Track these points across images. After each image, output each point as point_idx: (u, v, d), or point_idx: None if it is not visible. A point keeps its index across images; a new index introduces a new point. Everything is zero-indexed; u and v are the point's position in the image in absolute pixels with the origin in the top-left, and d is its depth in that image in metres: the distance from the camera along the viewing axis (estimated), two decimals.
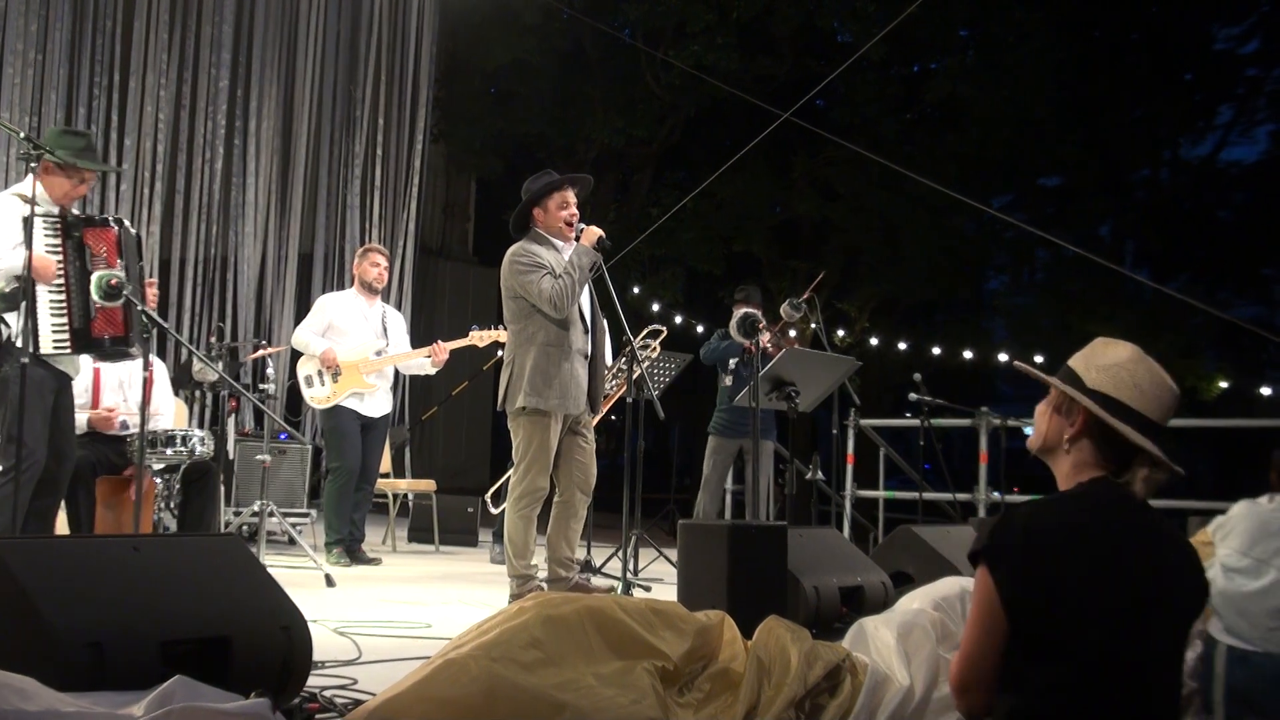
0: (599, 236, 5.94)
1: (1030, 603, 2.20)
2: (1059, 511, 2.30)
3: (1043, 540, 2.23)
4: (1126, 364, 2.40)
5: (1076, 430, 2.39)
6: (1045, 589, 2.20)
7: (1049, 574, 2.20)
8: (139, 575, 3.17)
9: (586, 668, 3.07)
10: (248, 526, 8.21)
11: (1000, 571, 2.23)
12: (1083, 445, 2.38)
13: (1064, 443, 2.41)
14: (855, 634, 3.70)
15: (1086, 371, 2.42)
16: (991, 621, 2.24)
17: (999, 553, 2.24)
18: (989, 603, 2.24)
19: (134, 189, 12.37)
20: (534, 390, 5.77)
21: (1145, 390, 2.37)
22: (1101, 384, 2.39)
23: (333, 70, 14.14)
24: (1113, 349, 2.45)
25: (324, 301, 8.27)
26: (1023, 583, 2.21)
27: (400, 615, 5.48)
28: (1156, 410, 2.37)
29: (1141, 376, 2.38)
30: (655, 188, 19.69)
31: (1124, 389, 2.37)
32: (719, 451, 8.52)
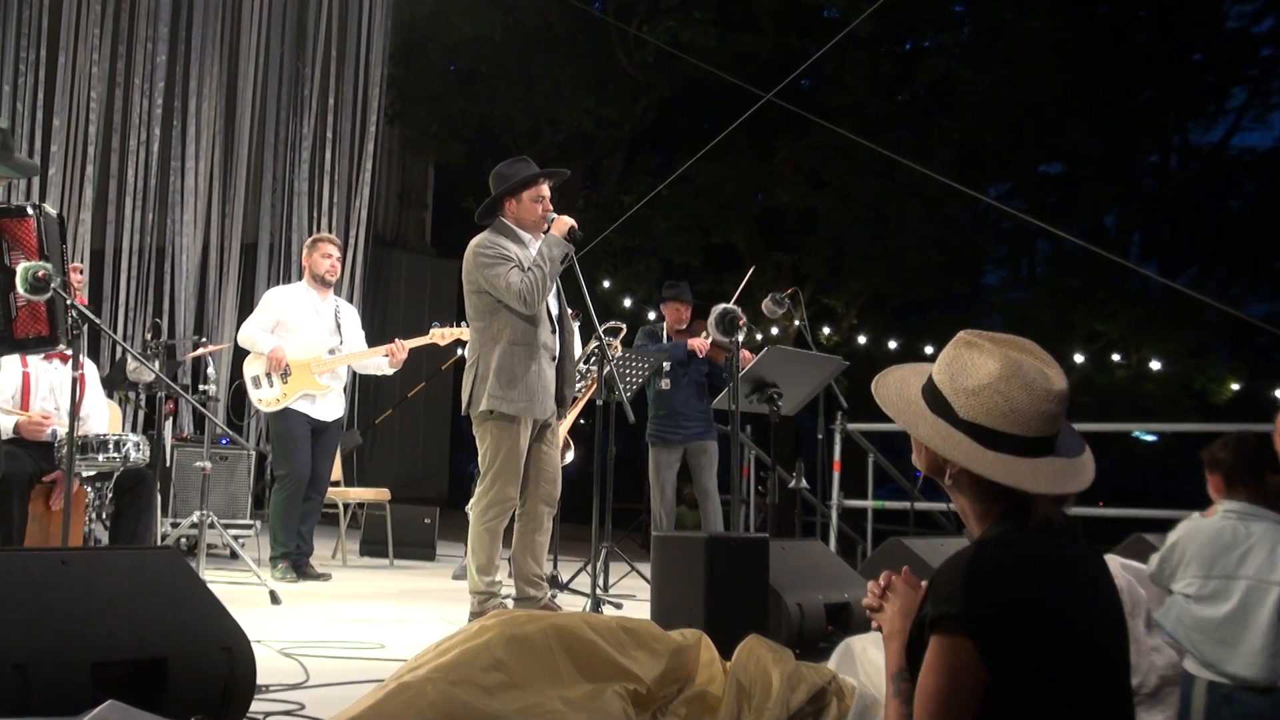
0: (570, 226, 5.93)
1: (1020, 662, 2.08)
2: (1015, 556, 2.16)
3: (1023, 595, 2.11)
4: (998, 383, 2.22)
5: (957, 469, 2.24)
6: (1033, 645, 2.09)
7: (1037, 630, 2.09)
8: (68, 592, 3.15)
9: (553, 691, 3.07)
10: (186, 539, 8.17)
11: (986, 640, 2.06)
12: (972, 482, 2.24)
13: (948, 479, 2.28)
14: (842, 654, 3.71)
15: (955, 396, 2.26)
16: (970, 687, 2.07)
17: (983, 619, 2.08)
18: (964, 677, 2.07)
19: (64, 173, 12.30)
20: (500, 392, 5.76)
21: (1024, 412, 2.20)
22: (973, 413, 2.22)
23: (279, 46, 14.10)
24: (980, 359, 2.27)
25: (272, 296, 8.24)
26: (1014, 644, 2.07)
27: (351, 635, 5.46)
28: (1041, 426, 2.20)
29: (1017, 397, 2.20)
30: (628, 173, 19.69)
31: (999, 417, 2.20)
32: (662, 461, 8.49)
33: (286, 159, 14.26)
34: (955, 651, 2.08)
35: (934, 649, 2.11)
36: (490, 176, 6.12)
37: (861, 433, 10.34)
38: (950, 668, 2.08)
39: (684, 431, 8.37)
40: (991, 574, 2.11)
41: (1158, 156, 24.42)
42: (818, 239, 19.28)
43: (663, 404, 8.46)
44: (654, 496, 8.46)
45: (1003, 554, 2.16)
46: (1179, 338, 19.38)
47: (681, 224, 18.34)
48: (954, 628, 2.08)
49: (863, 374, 18.46)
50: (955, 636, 2.08)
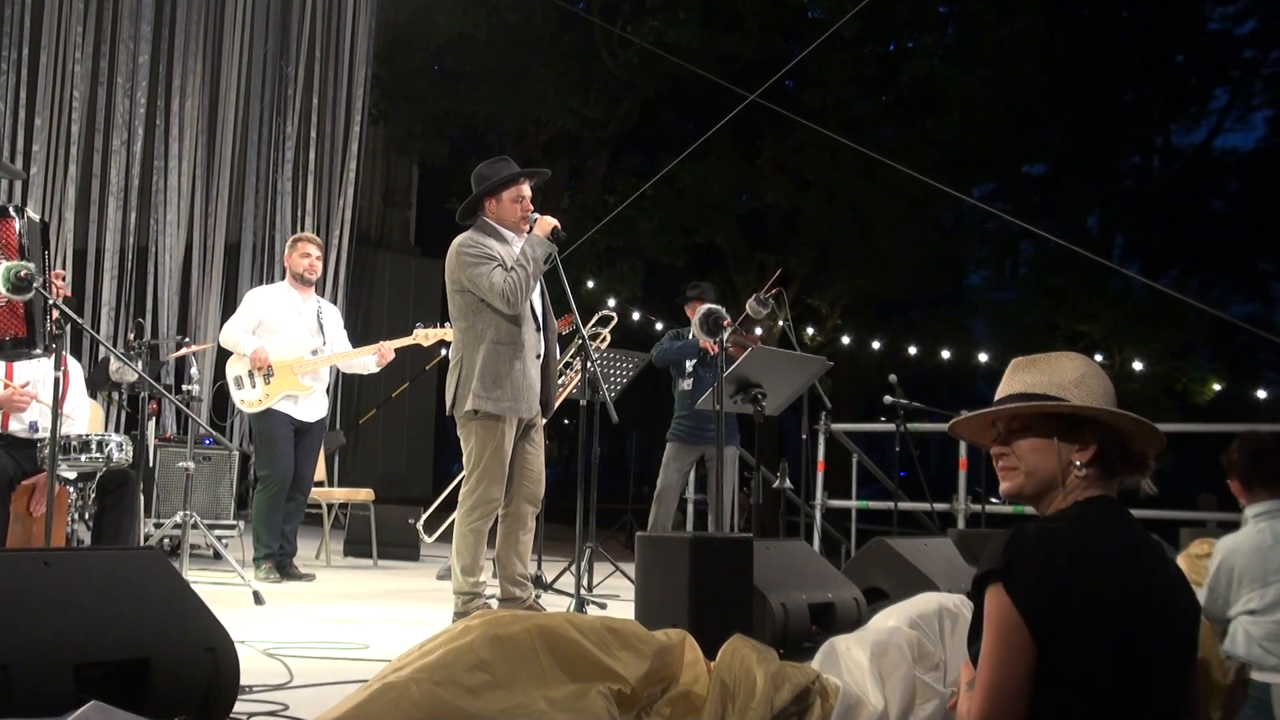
0: (554, 227, 5.93)
1: (1055, 626, 2.21)
2: (1072, 530, 2.31)
3: (1062, 560, 2.23)
4: (1091, 376, 2.45)
5: (1092, 453, 2.40)
6: (1069, 611, 2.21)
7: (1071, 595, 2.21)
8: (50, 593, 3.14)
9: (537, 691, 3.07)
10: (169, 540, 8.14)
11: (1021, 593, 2.22)
12: (1093, 468, 2.40)
13: (1074, 470, 2.40)
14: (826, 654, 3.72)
15: (1063, 391, 2.43)
16: (1017, 647, 2.22)
17: (1018, 573, 2.23)
18: (1010, 627, 2.22)
19: (46, 173, 12.26)
20: (484, 392, 5.76)
21: (1111, 395, 2.43)
22: (1089, 400, 2.41)
23: (263, 45, 14.07)
24: (1061, 363, 2.47)
25: (254, 296, 8.22)
26: (1047, 603, 2.21)
27: (335, 635, 5.46)
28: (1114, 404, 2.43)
29: (1105, 385, 2.44)
30: (612, 174, 19.69)
31: (1104, 399, 2.42)
32: (677, 458, 8.50)
33: (270, 159, 14.23)
34: (999, 606, 2.24)
35: (986, 607, 2.28)
36: (471, 176, 6.12)
37: (845, 433, 10.35)
38: (995, 621, 2.25)
39: (702, 433, 8.34)
40: (1034, 536, 2.28)
41: (1140, 157, 24.51)
42: (802, 239, 19.31)
43: (684, 404, 8.46)
44: (657, 495, 8.44)
45: (1054, 523, 2.34)
46: (1161, 338, 19.43)
47: (666, 224, 18.35)
48: (995, 580, 2.26)
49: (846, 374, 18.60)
50: (997, 590, 2.25)
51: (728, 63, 17.18)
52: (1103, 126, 20.65)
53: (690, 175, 17.37)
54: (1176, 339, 19.76)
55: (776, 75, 11.45)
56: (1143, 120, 22.32)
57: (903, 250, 18.47)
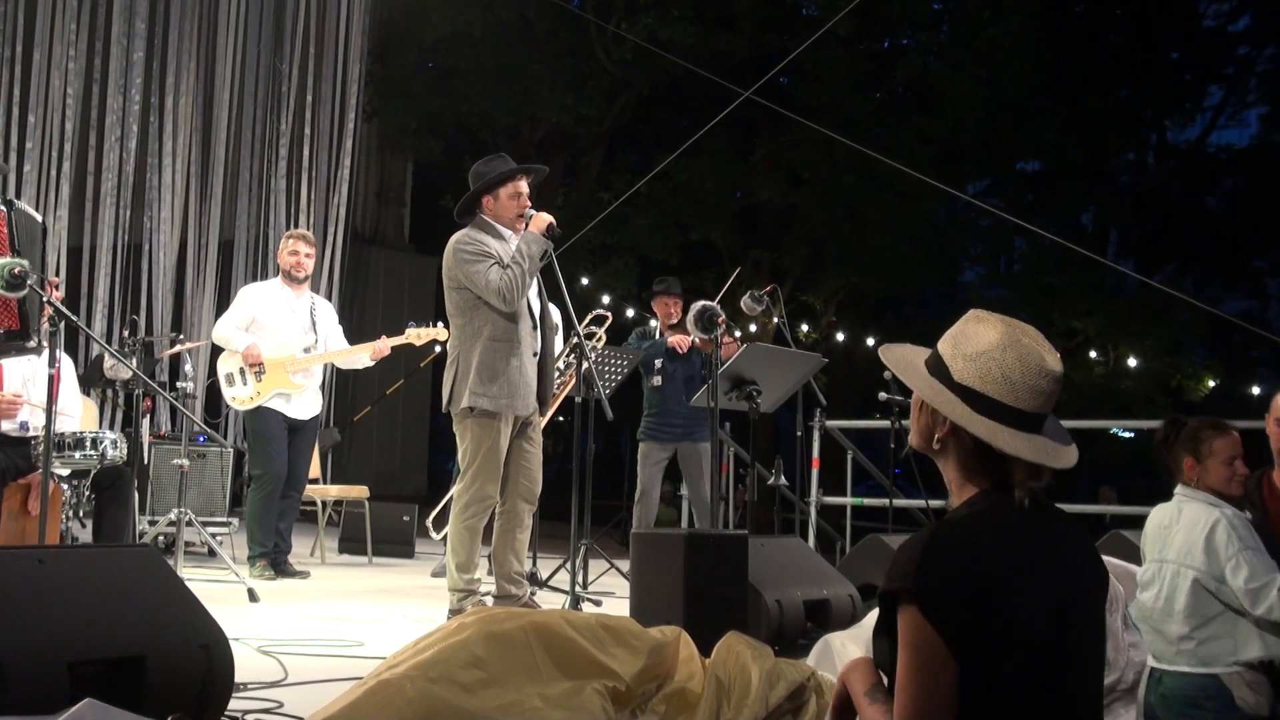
0: (549, 223, 5.93)
1: (976, 641, 2.10)
2: (979, 537, 2.18)
3: (980, 574, 2.13)
4: (995, 351, 2.29)
5: (945, 432, 2.30)
6: (989, 625, 2.11)
7: (991, 610, 2.11)
8: (44, 590, 3.13)
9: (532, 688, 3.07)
10: (164, 537, 8.13)
11: (938, 613, 2.09)
12: (955, 445, 2.30)
13: (935, 443, 2.32)
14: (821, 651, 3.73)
15: (954, 360, 2.32)
16: (938, 669, 2.09)
17: (934, 592, 2.10)
18: (929, 649, 2.09)
19: (40, 170, 12.24)
20: (480, 389, 5.75)
21: (1016, 382, 2.25)
22: (968, 376, 2.28)
23: (256, 43, 14.06)
24: (982, 330, 2.34)
25: (247, 293, 8.20)
26: (966, 621, 2.10)
27: (330, 633, 5.45)
28: (1032, 400, 2.26)
29: (1011, 366, 2.26)
30: (606, 171, 19.70)
31: (991, 383, 2.26)
32: (651, 456, 8.46)
33: (264, 156, 14.23)
34: (913, 625, 2.11)
35: (900, 624, 2.15)
36: (469, 174, 6.11)
37: (840, 430, 10.36)
38: (911, 640, 2.12)
39: (675, 430, 8.34)
40: (946, 551, 2.14)
41: (1135, 154, 24.55)
42: (796, 236, 19.31)
43: (654, 401, 8.44)
44: (637, 495, 8.43)
45: (961, 532, 2.19)
46: (1156, 335, 19.47)
47: (660, 221, 18.35)
48: (908, 600, 2.12)
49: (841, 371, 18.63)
50: (909, 609, 2.11)
51: (722, 60, 17.18)
52: (1097, 123, 20.68)
53: (685, 172, 17.38)
54: (1171, 336, 19.81)
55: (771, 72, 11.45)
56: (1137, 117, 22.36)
57: (897, 247, 18.50)
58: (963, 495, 2.32)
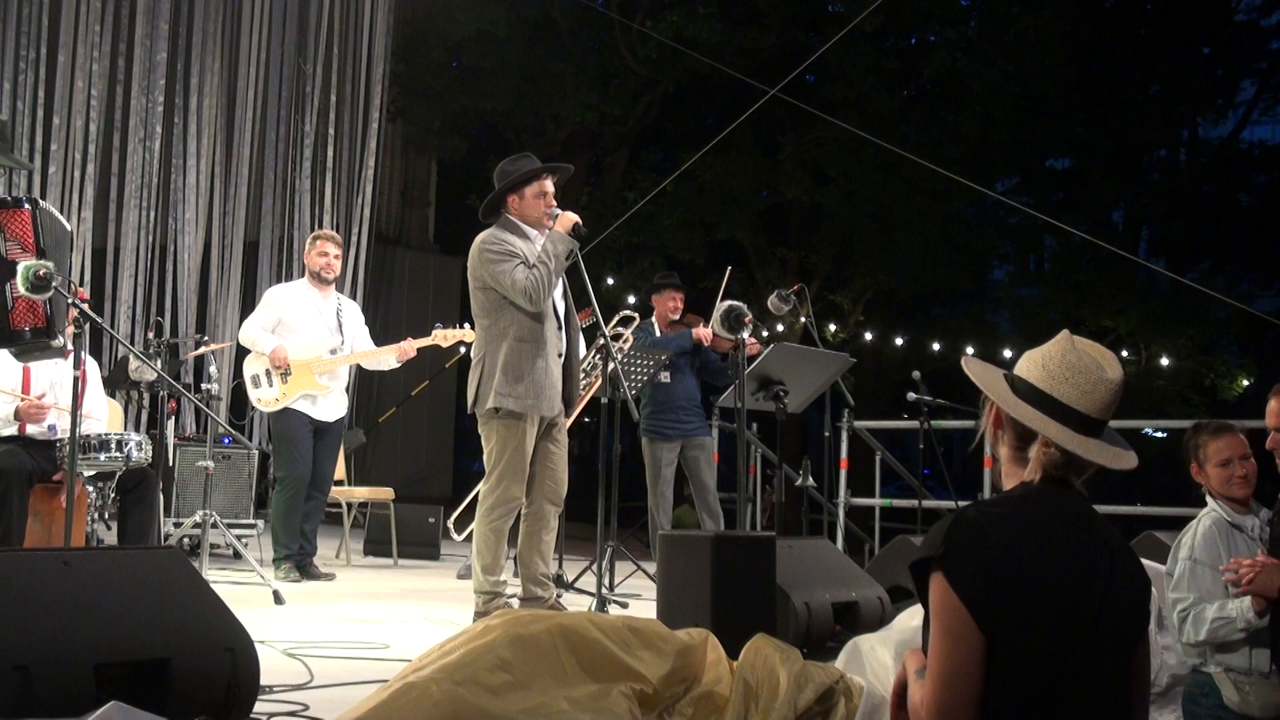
0: (575, 223, 5.92)
1: (995, 611, 2.22)
2: (1008, 514, 2.33)
3: (998, 545, 2.25)
4: (1047, 346, 2.46)
5: (993, 419, 2.49)
6: (1007, 596, 2.22)
7: (1008, 580, 2.23)
8: (70, 592, 3.15)
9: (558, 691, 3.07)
10: (189, 539, 8.17)
11: (960, 578, 2.24)
12: (1003, 436, 2.47)
13: (991, 434, 2.50)
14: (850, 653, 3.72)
15: (1020, 363, 2.49)
16: (962, 633, 2.23)
17: (956, 559, 2.26)
18: (953, 613, 2.24)
19: (64, 172, 12.30)
20: (505, 389, 5.75)
21: (1053, 371, 2.40)
22: (1021, 369, 2.46)
23: (280, 43, 14.10)
24: (1052, 344, 2.49)
25: (273, 294, 8.23)
26: (985, 589, 2.22)
27: (355, 635, 5.47)
28: (1067, 392, 2.39)
29: (1052, 357, 2.42)
30: (631, 170, 19.67)
31: (1032, 369, 2.43)
32: (658, 456, 8.38)
33: (288, 156, 14.26)
34: (940, 593, 2.26)
35: (930, 595, 2.30)
36: (494, 173, 6.11)
37: (868, 430, 10.33)
38: (940, 608, 2.26)
39: (682, 426, 8.31)
40: (972, 523, 2.29)
41: (1166, 151, 24.38)
42: (823, 235, 19.26)
43: (660, 397, 8.36)
44: (650, 495, 8.39)
45: (990, 509, 2.34)
46: (1189, 334, 19.35)
47: (686, 221, 18.31)
48: (935, 568, 2.28)
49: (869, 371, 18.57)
50: (936, 576, 2.28)
51: (748, 57, 17.15)
52: (1128, 119, 20.55)
53: (710, 171, 17.33)
54: (1204, 334, 19.69)
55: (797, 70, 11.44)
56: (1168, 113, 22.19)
57: (925, 245, 18.42)
58: (1010, 482, 2.46)
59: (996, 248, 22.19)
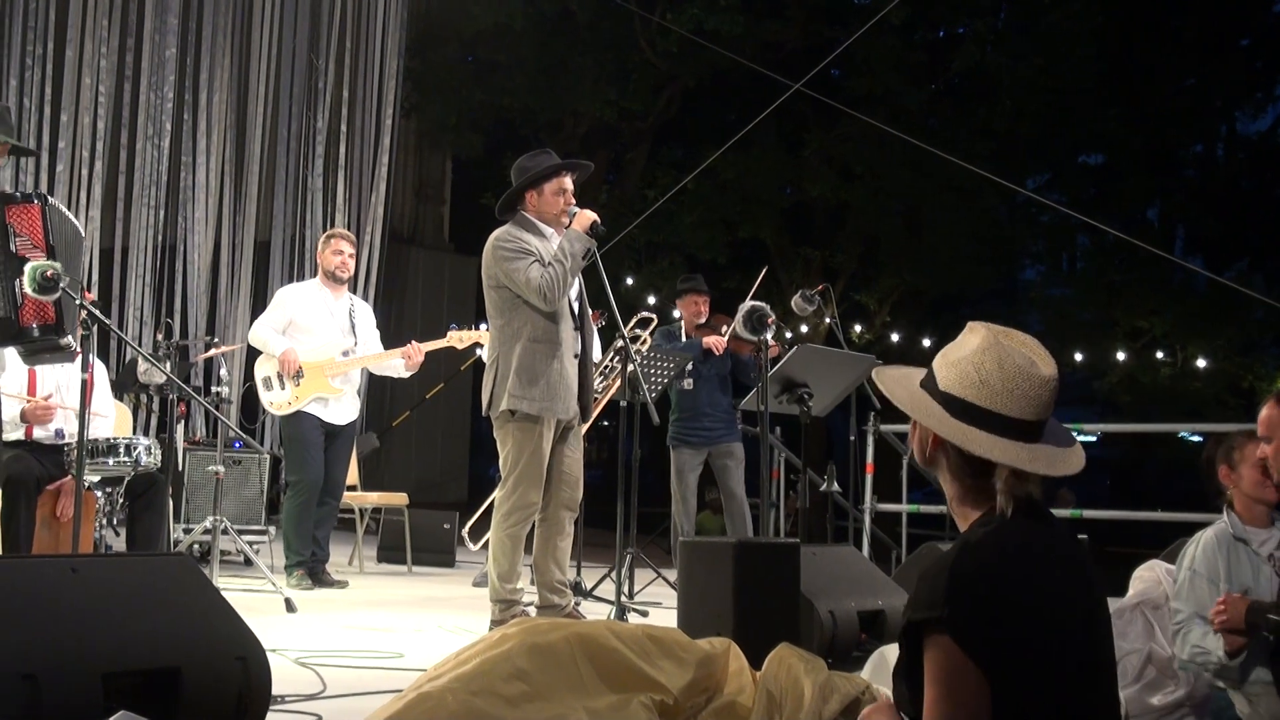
0: (593, 221, 5.91)
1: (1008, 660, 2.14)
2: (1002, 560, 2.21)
3: (1003, 595, 2.16)
4: (973, 356, 2.31)
5: (933, 445, 2.35)
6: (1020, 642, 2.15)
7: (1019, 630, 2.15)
8: (78, 600, 3.16)
9: (576, 701, 3.07)
10: (199, 545, 8.19)
11: (971, 637, 2.13)
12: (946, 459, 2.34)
13: (926, 458, 2.37)
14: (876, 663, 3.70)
15: (940, 369, 2.36)
16: (972, 691, 2.12)
17: (965, 618, 2.14)
18: (962, 674, 2.12)
19: (71, 170, 12.35)
20: (520, 391, 5.75)
21: (994, 385, 2.27)
22: (949, 382, 2.32)
23: (292, 38, 14.14)
24: (968, 337, 2.36)
25: (284, 294, 8.25)
26: (998, 641, 2.13)
27: (369, 644, 5.47)
28: (1013, 405, 2.26)
29: (989, 369, 2.28)
30: (651, 167, 19.68)
31: (969, 386, 2.29)
32: (685, 464, 8.39)
33: (300, 154, 14.30)
34: (945, 654, 2.14)
35: (928, 657, 2.17)
36: (511, 170, 6.11)
37: (895, 434, 10.31)
38: (944, 671, 2.15)
39: (708, 433, 8.31)
40: (973, 575, 2.18)
41: (1202, 146, 24.26)
42: (848, 233, 19.24)
43: (685, 404, 8.39)
44: (675, 502, 8.40)
45: (983, 555, 2.21)
46: (1226, 334, 19.27)
47: (707, 219, 18.31)
48: (938, 630, 2.15)
49: None
50: (940, 639, 2.15)
51: (771, 51, 17.15)
52: (1162, 114, 20.47)
53: (732, 168, 17.32)
54: (1242, 335, 19.61)
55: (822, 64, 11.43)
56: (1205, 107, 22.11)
57: (953, 244, 18.39)
58: (965, 515, 2.36)
59: (1027, 246, 22.15)
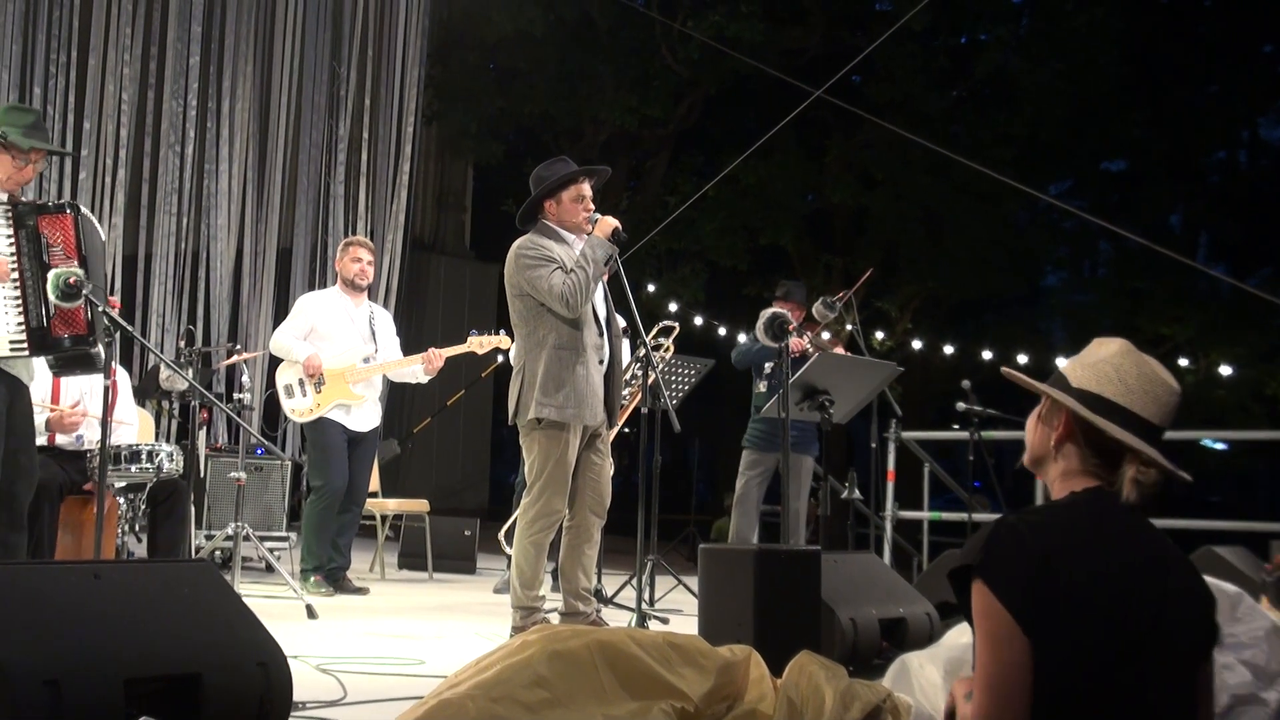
0: (614, 228, 5.91)
1: (1039, 618, 2.22)
2: (1052, 521, 2.35)
3: (1039, 553, 2.26)
4: (1113, 358, 2.47)
5: (1060, 434, 2.46)
6: (1050, 603, 2.23)
7: (1050, 588, 2.23)
8: (100, 606, 3.17)
9: (597, 709, 3.07)
10: (221, 552, 8.22)
11: (1001, 585, 2.25)
12: (1069, 450, 2.45)
13: (1050, 449, 2.48)
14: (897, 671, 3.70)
15: (1072, 371, 2.49)
16: (1007, 640, 2.23)
17: (996, 566, 2.27)
18: (997, 620, 2.25)
19: (94, 177, 12.41)
20: (546, 398, 5.74)
21: (1132, 385, 2.42)
22: (1085, 381, 2.45)
23: (314, 45, 14.19)
24: (1103, 346, 2.51)
25: (305, 302, 8.28)
26: (1028, 595, 2.23)
27: (390, 650, 5.48)
28: (1147, 407, 2.41)
29: (1128, 371, 2.44)
30: (672, 174, 19.68)
31: (1108, 384, 2.43)
32: (755, 467, 8.41)
33: (322, 162, 14.34)
34: (983, 601, 2.27)
35: (974, 610, 2.30)
36: (530, 179, 6.11)
37: (917, 441, 10.28)
38: (981, 615, 2.28)
39: (779, 441, 8.27)
40: (1012, 529, 2.30)
41: (1226, 152, 24.15)
42: (870, 240, 19.20)
43: (761, 406, 8.39)
44: (735, 504, 8.41)
45: (1030, 516, 2.36)
46: (1250, 342, 19.15)
47: (728, 225, 18.28)
48: (975, 575, 2.29)
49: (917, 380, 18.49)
50: (977, 584, 2.29)
51: (792, 57, 17.13)
52: (1186, 120, 20.38)
53: (753, 174, 17.30)
54: (1266, 342, 19.49)
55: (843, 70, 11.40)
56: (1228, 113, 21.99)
57: (975, 251, 18.33)
58: (1061, 494, 2.46)
59: (1049, 252, 22.06)
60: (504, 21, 17.40)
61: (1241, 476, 24.48)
